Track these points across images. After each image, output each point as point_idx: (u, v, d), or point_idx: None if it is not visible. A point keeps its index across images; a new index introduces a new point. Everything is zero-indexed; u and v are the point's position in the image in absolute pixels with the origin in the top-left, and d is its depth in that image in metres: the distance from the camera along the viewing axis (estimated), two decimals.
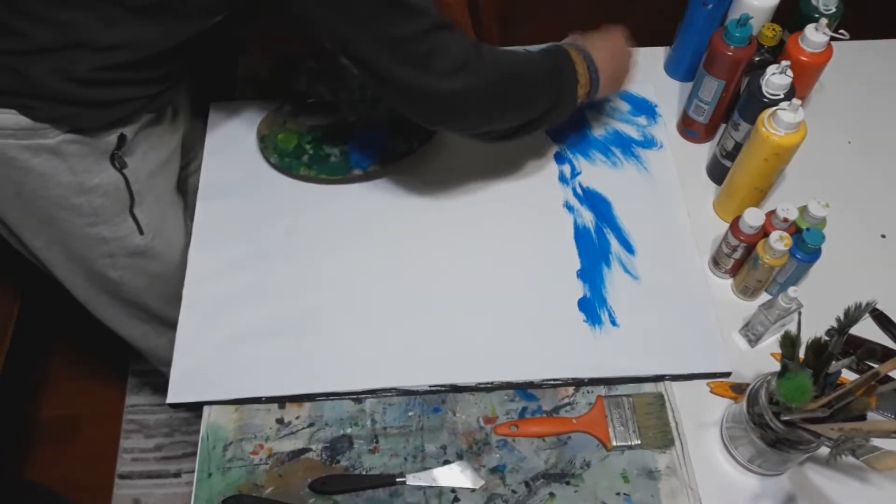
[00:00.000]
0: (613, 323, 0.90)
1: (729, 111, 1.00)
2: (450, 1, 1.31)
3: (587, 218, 0.98)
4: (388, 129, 1.01)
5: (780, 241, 0.84)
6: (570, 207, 0.99)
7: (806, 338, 0.73)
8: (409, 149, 1.00)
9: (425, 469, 0.82)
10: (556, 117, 0.90)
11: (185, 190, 1.13)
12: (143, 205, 0.97)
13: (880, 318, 0.92)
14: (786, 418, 0.73)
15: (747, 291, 0.92)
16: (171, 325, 1.13)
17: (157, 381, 1.64)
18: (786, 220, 0.86)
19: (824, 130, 1.02)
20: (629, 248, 0.96)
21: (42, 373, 1.67)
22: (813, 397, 0.70)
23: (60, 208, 0.91)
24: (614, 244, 0.96)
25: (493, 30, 1.48)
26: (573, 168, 1.03)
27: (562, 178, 1.02)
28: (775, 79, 0.87)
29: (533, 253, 0.95)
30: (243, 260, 0.94)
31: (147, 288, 1.06)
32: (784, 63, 0.88)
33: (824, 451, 0.70)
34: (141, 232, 0.98)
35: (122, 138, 0.89)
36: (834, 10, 0.97)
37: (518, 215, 0.98)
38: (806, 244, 0.85)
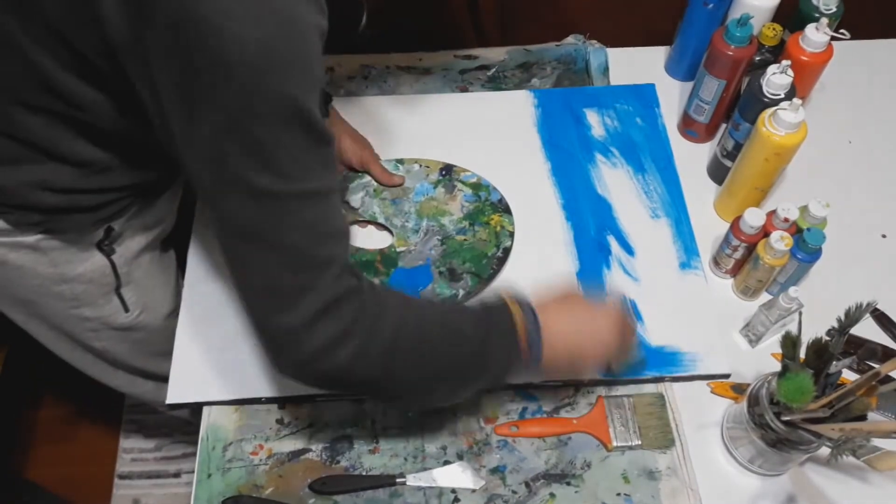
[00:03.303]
0: None
1: (729, 111, 1.00)
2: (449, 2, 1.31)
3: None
4: (436, 269, 0.92)
5: (780, 240, 0.84)
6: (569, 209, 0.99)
7: (806, 338, 0.73)
8: (454, 296, 0.90)
9: (425, 469, 0.82)
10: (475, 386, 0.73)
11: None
12: (130, 284, 0.92)
13: (881, 318, 0.92)
14: (786, 418, 0.73)
15: (748, 291, 0.92)
16: (154, 376, 1.12)
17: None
18: (786, 219, 0.86)
19: (825, 130, 1.02)
20: (629, 249, 0.96)
21: (41, 372, 1.66)
22: (813, 397, 0.70)
23: (40, 295, 0.87)
24: (614, 245, 0.96)
25: (493, 30, 1.47)
26: None
27: None
28: (776, 78, 0.87)
29: (533, 254, 0.95)
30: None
31: (131, 351, 1.03)
32: (784, 63, 0.88)
33: (825, 451, 0.70)
34: (126, 310, 0.94)
35: (108, 230, 0.84)
36: (834, 9, 0.96)
37: (518, 216, 0.98)
38: (806, 244, 0.85)
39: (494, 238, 0.95)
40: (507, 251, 0.94)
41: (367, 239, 0.96)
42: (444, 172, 1.00)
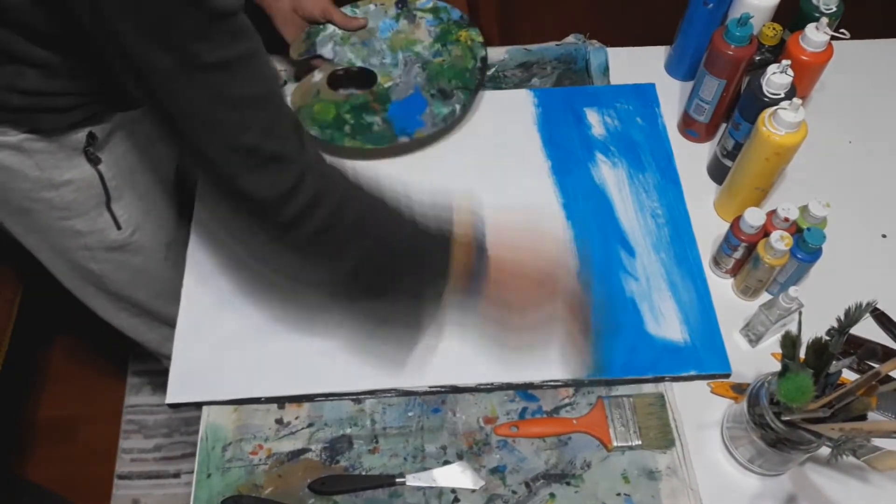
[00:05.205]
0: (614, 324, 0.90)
1: (729, 111, 1.00)
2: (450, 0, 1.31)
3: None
4: (426, 93, 0.98)
5: (780, 240, 0.84)
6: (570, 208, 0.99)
7: (806, 338, 0.73)
8: (453, 111, 0.98)
9: (425, 469, 0.82)
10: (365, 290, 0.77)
11: (188, 182, 1.08)
12: (121, 200, 0.93)
13: (881, 318, 0.92)
14: (786, 418, 0.73)
15: (748, 291, 0.92)
16: (161, 319, 1.12)
17: (157, 381, 1.64)
18: (786, 219, 0.85)
19: (825, 130, 1.02)
20: (629, 248, 0.95)
21: (41, 372, 1.67)
22: (813, 397, 0.70)
23: (31, 201, 0.89)
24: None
25: (493, 30, 1.48)
26: None
27: None
28: (776, 78, 0.87)
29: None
30: (243, 259, 0.94)
31: (131, 282, 1.04)
32: (784, 62, 0.88)
33: (825, 451, 0.70)
34: (118, 227, 0.95)
35: (91, 136, 0.85)
36: (834, 9, 0.96)
37: (518, 215, 0.97)
38: (807, 244, 0.85)
39: (469, 52, 1.02)
40: (484, 60, 1.01)
41: (352, 83, 1.00)
42: (399, 5, 1.05)
